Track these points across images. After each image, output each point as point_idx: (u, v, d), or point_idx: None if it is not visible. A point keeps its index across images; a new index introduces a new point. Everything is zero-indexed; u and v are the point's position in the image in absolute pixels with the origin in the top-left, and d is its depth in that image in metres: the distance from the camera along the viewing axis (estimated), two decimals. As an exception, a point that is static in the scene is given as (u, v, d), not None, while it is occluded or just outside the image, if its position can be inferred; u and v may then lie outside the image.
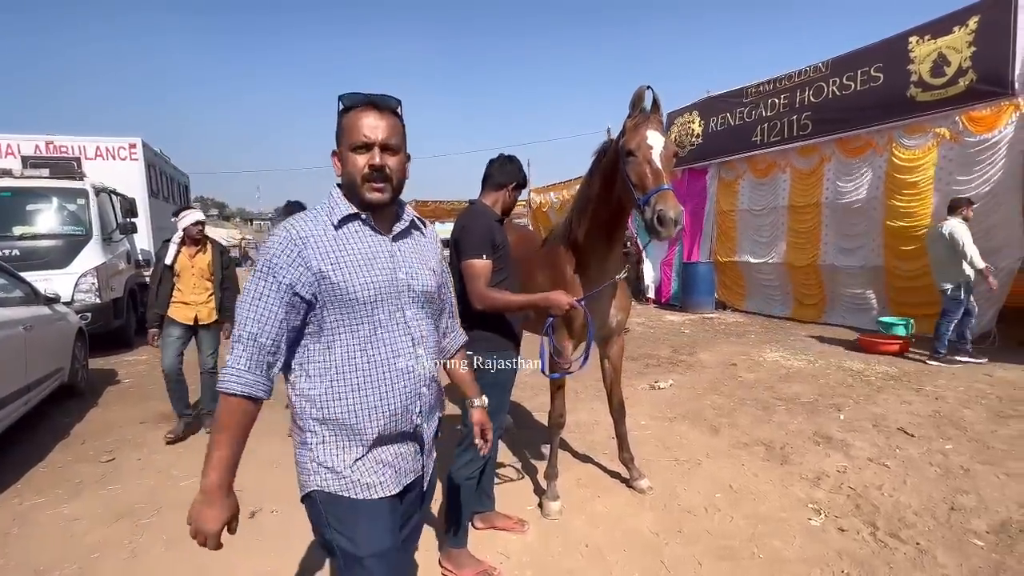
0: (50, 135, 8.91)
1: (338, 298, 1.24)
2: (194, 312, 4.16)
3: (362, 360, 1.27)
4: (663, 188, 2.25)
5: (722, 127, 9.85)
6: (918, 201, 6.83)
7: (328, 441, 1.28)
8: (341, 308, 1.25)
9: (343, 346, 1.26)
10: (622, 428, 3.16)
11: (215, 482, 1.20)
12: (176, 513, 3.02)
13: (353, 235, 1.30)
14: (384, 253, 1.32)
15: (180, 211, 4.24)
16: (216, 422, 1.21)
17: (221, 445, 1.20)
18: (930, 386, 4.99)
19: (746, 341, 7.38)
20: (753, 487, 3.15)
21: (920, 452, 3.53)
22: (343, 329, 1.26)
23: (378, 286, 1.27)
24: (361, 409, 1.27)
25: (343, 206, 1.30)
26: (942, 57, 6.51)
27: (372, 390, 1.28)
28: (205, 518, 1.22)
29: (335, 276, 1.23)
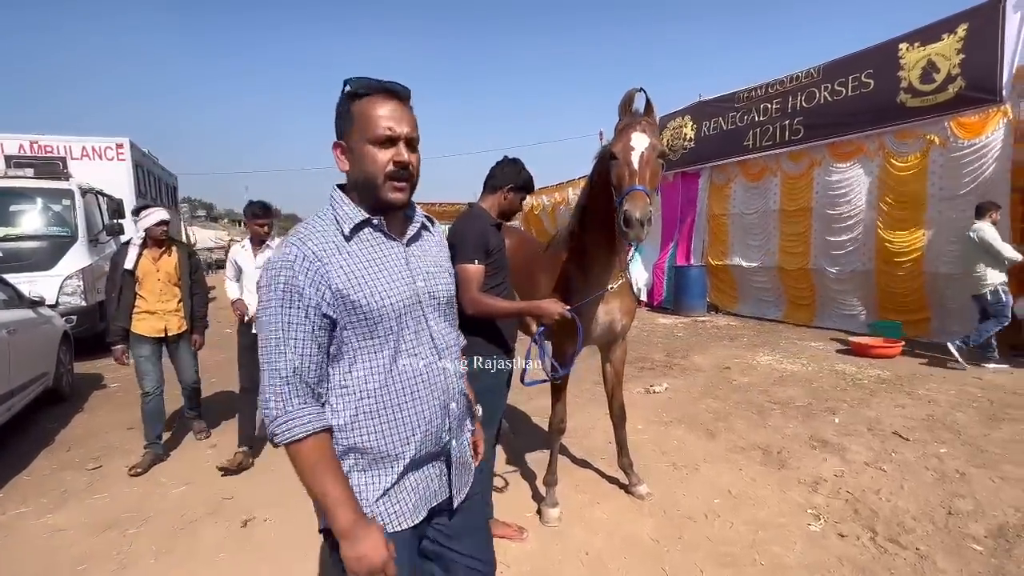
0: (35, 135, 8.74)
1: (360, 318, 1.13)
2: (163, 323, 3.76)
3: (389, 380, 1.16)
4: (634, 189, 2.23)
5: (714, 131, 9.90)
6: (909, 206, 6.89)
7: (354, 473, 1.16)
8: (363, 328, 1.14)
9: (367, 368, 1.15)
10: (622, 433, 3.13)
11: (350, 519, 1.07)
12: (166, 522, 2.95)
13: (367, 245, 1.17)
14: (400, 261, 1.20)
15: (140, 209, 3.80)
16: (304, 466, 1.07)
17: (329, 484, 1.07)
18: (922, 389, 5.02)
19: (739, 344, 7.40)
20: (752, 492, 3.13)
21: (915, 456, 3.54)
22: (366, 349, 1.15)
23: (400, 299, 1.16)
24: (392, 433, 1.16)
25: (351, 211, 1.17)
26: (931, 64, 6.58)
27: (402, 411, 1.17)
28: (365, 555, 1.06)
29: (355, 295, 1.11)
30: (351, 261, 1.14)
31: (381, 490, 1.17)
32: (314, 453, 1.07)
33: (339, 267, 1.12)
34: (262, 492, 3.26)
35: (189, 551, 2.68)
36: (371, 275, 1.14)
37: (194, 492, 3.31)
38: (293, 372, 1.08)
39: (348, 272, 1.12)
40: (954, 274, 6.54)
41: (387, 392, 1.16)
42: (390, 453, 1.17)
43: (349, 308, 1.12)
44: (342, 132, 1.17)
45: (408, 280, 1.19)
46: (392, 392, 1.16)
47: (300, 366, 1.08)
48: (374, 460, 1.16)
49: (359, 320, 1.13)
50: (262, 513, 3.01)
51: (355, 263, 1.14)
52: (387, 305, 1.14)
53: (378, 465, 1.17)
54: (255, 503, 3.13)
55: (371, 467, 1.17)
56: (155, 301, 3.74)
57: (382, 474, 1.17)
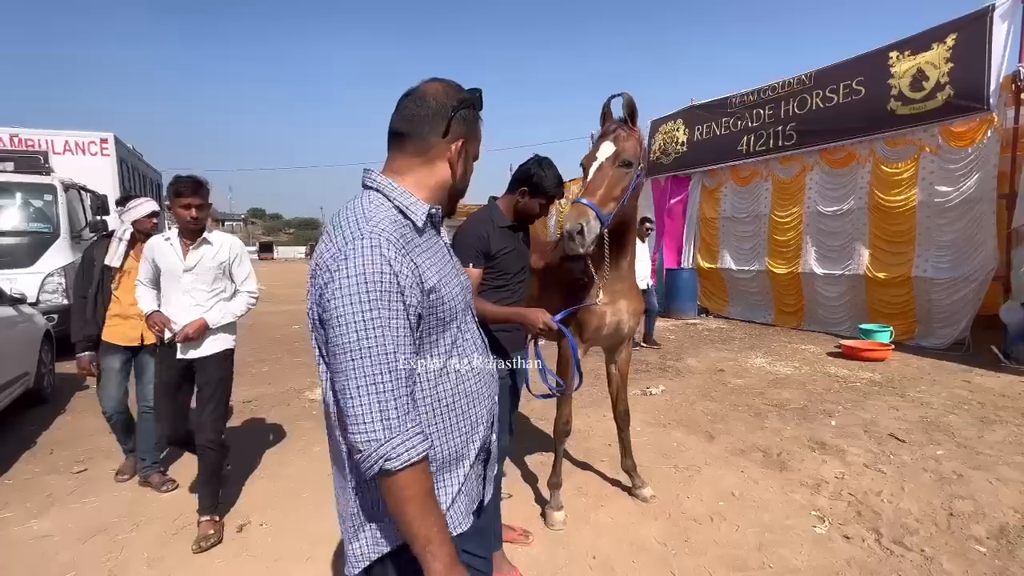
0: (16, 128, 8.49)
1: (438, 315, 1.04)
2: (138, 331, 3.21)
3: (458, 383, 1.09)
4: (576, 201, 2.26)
5: (707, 136, 9.98)
6: (899, 212, 7.00)
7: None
8: (438, 327, 1.05)
9: (439, 370, 1.07)
10: (626, 435, 3.11)
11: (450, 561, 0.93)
12: (157, 527, 2.85)
13: (430, 237, 1.10)
14: (447, 255, 1.14)
15: (127, 199, 3.37)
16: (412, 501, 0.92)
17: (434, 521, 0.94)
18: (913, 392, 5.08)
19: (731, 347, 7.45)
20: (755, 494, 3.13)
21: (913, 458, 3.57)
22: (440, 351, 1.07)
23: (461, 296, 1.11)
24: (461, 435, 1.09)
25: (415, 201, 1.07)
26: (921, 72, 6.70)
27: (468, 411, 1.10)
28: None
29: (439, 290, 1.03)
30: (430, 255, 1.05)
31: (449, 501, 1.07)
32: (426, 481, 0.95)
33: (425, 262, 1.02)
34: (258, 496, 3.17)
35: (182, 558, 2.58)
36: (444, 271, 1.07)
37: (186, 496, 3.21)
38: (402, 385, 0.94)
39: (432, 267, 1.04)
40: (941, 279, 6.66)
41: (457, 394, 1.09)
42: (459, 457, 1.09)
43: (434, 307, 1.03)
44: (467, 135, 1.12)
45: (456, 273, 1.14)
46: (461, 393, 1.10)
47: (406, 376, 0.95)
48: (442, 468, 1.07)
49: (437, 320, 1.04)
50: (258, 518, 2.93)
51: (432, 257, 1.06)
52: (458, 302, 1.08)
53: (446, 473, 1.08)
54: (251, 508, 3.04)
55: (439, 477, 1.07)
56: (131, 304, 3.12)
57: (450, 483, 1.08)
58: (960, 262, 6.50)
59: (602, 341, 2.90)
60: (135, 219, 3.25)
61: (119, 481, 3.37)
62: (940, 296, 6.74)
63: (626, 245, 2.68)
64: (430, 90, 1.09)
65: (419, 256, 1.01)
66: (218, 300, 2.85)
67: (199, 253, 2.80)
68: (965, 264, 6.45)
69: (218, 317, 2.82)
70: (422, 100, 1.08)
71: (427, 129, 1.07)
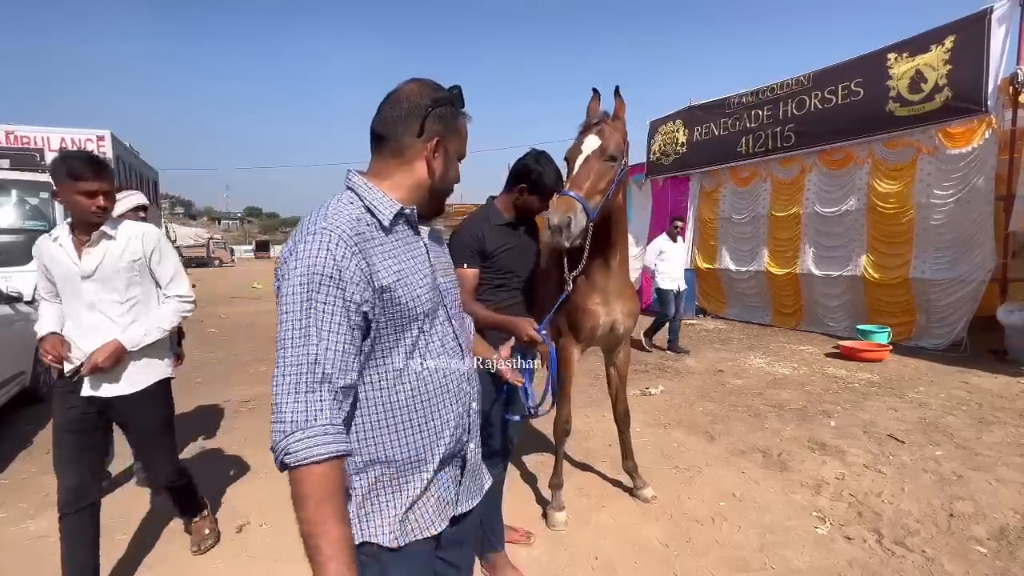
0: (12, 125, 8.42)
1: (396, 315, 1.04)
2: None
3: (420, 385, 1.08)
4: (563, 193, 2.25)
5: (707, 137, 9.98)
6: (897, 213, 7.02)
7: (380, 486, 1.06)
8: (398, 327, 1.05)
9: (398, 371, 1.06)
10: (627, 436, 3.10)
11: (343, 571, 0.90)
12: (156, 528, 2.82)
13: (400, 237, 1.09)
14: (424, 257, 1.13)
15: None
16: (311, 496, 0.89)
17: (331, 525, 0.90)
18: (911, 393, 5.10)
19: (730, 348, 7.45)
20: (756, 495, 3.12)
21: (913, 459, 3.58)
22: (399, 351, 1.06)
23: (430, 296, 1.09)
24: (422, 439, 1.08)
25: (386, 199, 1.07)
26: (919, 74, 6.72)
27: (432, 415, 1.09)
28: None
29: (398, 291, 1.03)
30: (392, 254, 1.05)
31: (409, 503, 1.07)
32: (329, 482, 0.91)
33: (383, 260, 1.03)
34: (258, 496, 3.15)
35: (181, 559, 2.56)
36: (409, 270, 1.06)
37: (184, 496, 3.19)
38: (322, 379, 0.93)
39: (391, 266, 1.03)
40: (939, 280, 6.68)
41: (417, 396, 1.08)
42: (420, 460, 1.08)
43: (389, 306, 1.03)
44: (443, 133, 1.11)
45: (432, 276, 1.12)
46: (422, 395, 1.08)
47: (331, 373, 0.93)
48: (401, 470, 1.07)
49: (394, 320, 1.04)
50: (257, 518, 2.91)
51: (396, 256, 1.06)
52: (423, 303, 1.07)
53: (405, 475, 1.08)
54: (250, 508, 3.02)
55: (398, 478, 1.07)
56: None
57: (411, 485, 1.08)
58: (958, 263, 6.52)
59: (598, 342, 2.89)
60: (120, 213, 2.97)
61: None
62: (938, 297, 6.76)
63: (613, 243, 2.64)
64: (404, 91, 1.10)
65: (377, 254, 1.02)
66: (138, 313, 2.21)
67: (99, 252, 2.12)
68: (963, 265, 6.48)
69: (139, 336, 2.16)
70: (396, 102, 1.10)
71: (401, 130, 1.09)
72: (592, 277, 2.64)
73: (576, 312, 2.68)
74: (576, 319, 2.71)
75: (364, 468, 1.06)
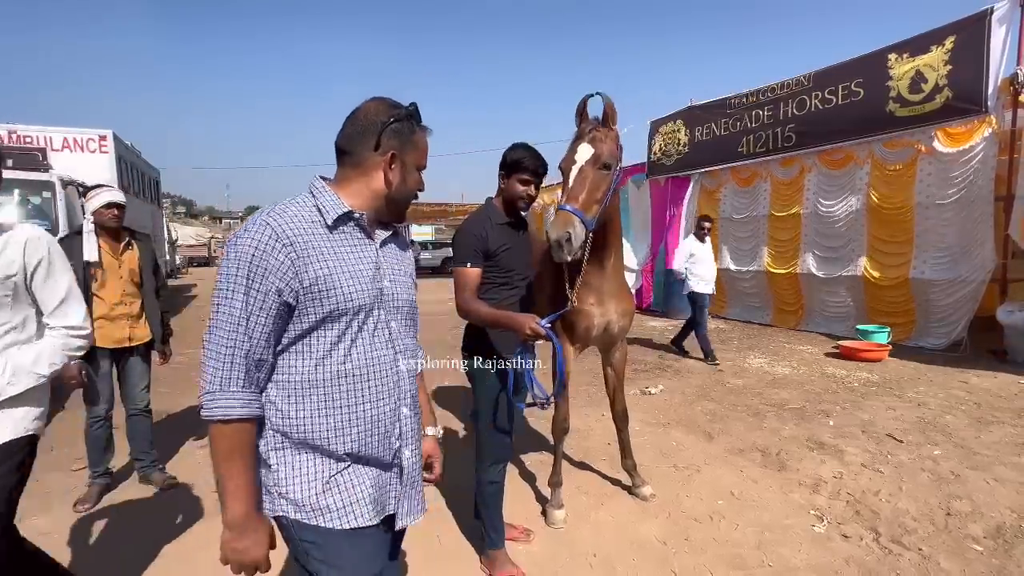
0: (14, 124, 8.45)
1: (324, 306, 1.12)
2: (125, 331, 3.09)
3: (340, 373, 1.16)
4: (560, 208, 2.26)
5: (708, 137, 9.99)
6: (897, 213, 7.03)
7: (296, 463, 1.15)
8: (324, 317, 1.13)
9: (320, 357, 1.15)
10: (625, 435, 3.12)
11: (242, 512, 1.09)
12: (157, 524, 2.85)
13: (344, 237, 1.18)
14: (371, 260, 1.21)
15: (89, 190, 3.13)
16: (220, 448, 1.08)
17: (236, 473, 1.08)
18: (911, 392, 5.11)
19: (729, 347, 7.47)
20: (754, 494, 3.14)
21: (911, 458, 3.59)
22: (323, 340, 1.15)
23: (365, 296, 1.17)
24: (340, 426, 1.15)
25: (335, 202, 1.17)
26: (919, 74, 6.73)
27: (350, 405, 1.16)
28: (246, 548, 1.11)
29: (328, 286, 1.12)
30: (329, 251, 1.14)
31: (321, 485, 1.15)
32: (235, 438, 1.08)
33: (318, 256, 1.12)
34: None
35: (181, 555, 2.59)
36: (345, 268, 1.15)
37: (187, 492, 3.22)
38: (240, 351, 1.07)
39: (325, 262, 1.13)
40: (939, 280, 6.69)
41: (335, 385, 1.15)
42: (328, 447, 1.16)
43: (317, 298, 1.12)
44: (398, 147, 1.21)
45: (376, 279, 1.21)
46: (343, 385, 1.16)
47: (249, 347, 1.08)
48: (315, 452, 1.16)
49: (323, 311, 1.13)
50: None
51: (333, 254, 1.15)
52: (355, 300, 1.16)
53: (320, 458, 1.16)
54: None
55: (313, 460, 1.16)
56: (116, 304, 3.05)
57: (323, 468, 1.16)
58: (958, 263, 6.53)
59: (594, 342, 2.91)
60: (93, 210, 2.98)
61: (78, 512, 2.97)
62: (938, 297, 6.77)
63: (608, 245, 2.67)
64: (363, 109, 1.22)
65: (312, 250, 1.11)
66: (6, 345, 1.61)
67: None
68: (962, 265, 6.49)
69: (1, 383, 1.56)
70: (355, 119, 1.21)
71: (359, 145, 1.20)
72: (587, 278, 2.65)
73: (572, 313, 2.70)
74: (572, 320, 2.73)
75: (279, 444, 1.15)
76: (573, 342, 2.82)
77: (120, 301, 3.08)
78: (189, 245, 32.99)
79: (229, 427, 1.07)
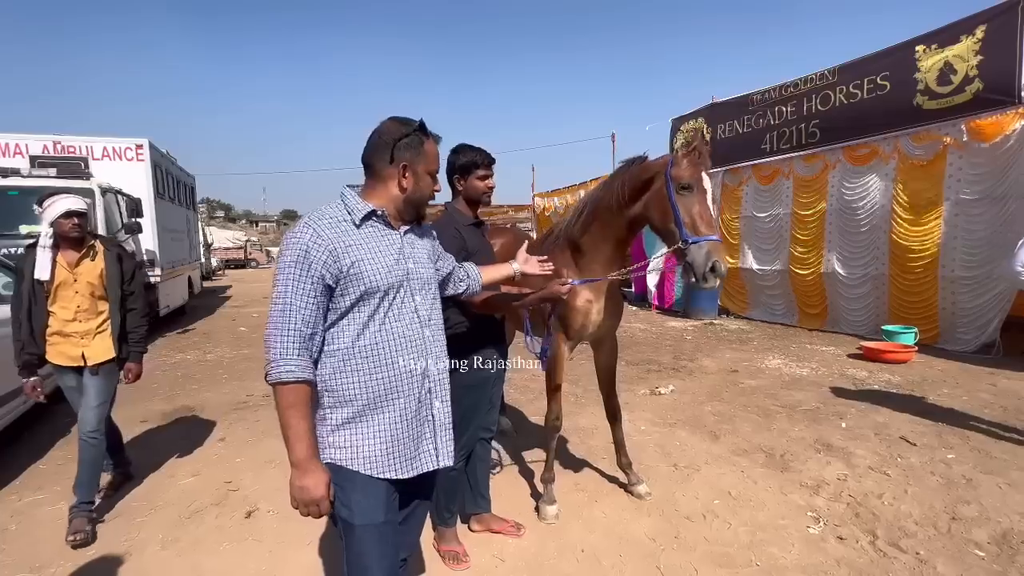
0: (58, 135, 8.98)
1: (358, 286, 1.38)
2: (79, 349, 2.87)
3: (378, 338, 1.41)
4: (716, 239, 2.34)
5: (730, 134, 9.84)
6: (925, 209, 6.79)
7: (337, 415, 1.40)
8: (359, 297, 1.39)
9: (359, 327, 1.40)
10: (619, 432, 3.14)
11: (306, 453, 1.32)
12: (173, 512, 3.03)
13: (372, 231, 1.45)
14: (396, 246, 1.48)
15: (44, 198, 2.85)
16: (282, 404, 1.32)
17: (297, 420, 1.32)
18: (933, 395, 4.94)
19: (748, 348, 7.34)
20: (752, 494, 3.12)
21: (922, 461, 3.50)
22: (360, 315, 1.40)
23: (392, 276, 1.43)
24: (379, 384, 1.40)
25: (360, 204, 1.45)
26: (949, 66, 6.49)
27: (385, 365, 1.41)
28: (310, 487, 1.32)
29: (360, 270, 1.38)
30: (360, 243, 1.41)
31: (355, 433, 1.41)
32: (294, 396, 1.32)
33: (349, 248, 1.38)
34: (267, 483, 3.33)
35: (194, 540, 2.75)
36: (373, 255, 1.42)
37: (201, 483, 3.39)
38: (295, 327, 1.32)
39: (357, 252, 1.39)
40: (968, 278, 6.43)
41: (376, 348, 1.41)
42: (363, 400, 1.40)
43: (353, 280, 1.37)
44: (410, 159, 1.47)
45: (400, 261, 1.48)
46: (380, 348, 1.42)
47: (302, 324, 1.33)
48: (351, 405, 1.40)
49: (358, 292, 1.38)
50: (265, 505, 3.08)
51: (363, 245, 1.41)
52: (383, 279, 1.41)
53: (355, 410, 1.40)
54: (260, 495, 3.19)
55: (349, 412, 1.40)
56: (68, 320, 2.85)
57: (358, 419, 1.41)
58: (988, 262, 6.26)
59: (587, 338, 2.95)
60: (51, 219, 2.79)
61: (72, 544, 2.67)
62: (967, 297, 6.50)
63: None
64: (381, 129, 1.49)
65: (345, 241, 1.39)
66: None
67: None
68: (994, 264, 6.21)
69: None
70: (374, 137, 1.49)
71: (378, 160, 1.48)
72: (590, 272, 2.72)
73: (567, 309, 2.75)
74: (567, 316, 2.77)
75: (328, 401, 1.40)
76: (568, 338, 2.86)
77: (74, 318, 2.86)
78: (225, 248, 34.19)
79: (289, 387, 1.31)
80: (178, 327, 9.81)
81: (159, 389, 5.67)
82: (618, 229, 2.67)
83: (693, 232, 2.35)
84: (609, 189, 2.67)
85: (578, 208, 2.85)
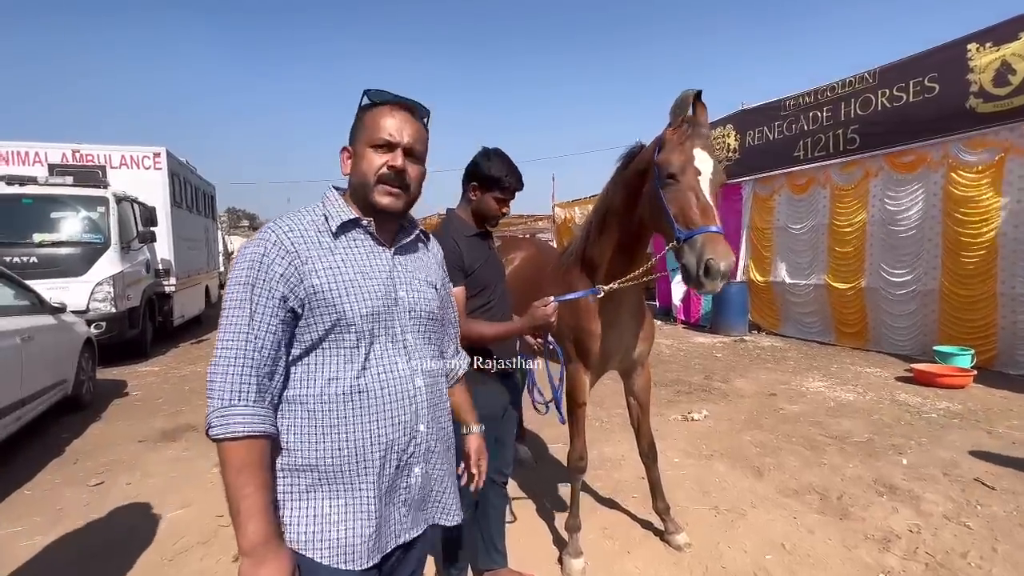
0: (77, 144, 8.97)
1: (329, 318, 1.06)
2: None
3: (351, 391, 1.07)
4: (710, 230, 1.80)
5: (760, 141, 9.39)
6: (981, 220, 6.26)
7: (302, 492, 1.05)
8: (331, 329, 1.07)
9: (329, 374, 1.07)
10: (655, 473, 2.75)
11: (261, 533, 0.97)
12: (155, 551, 2.73)
13: (352, 245, 1.14)
14: (384, 268, 1.16)
15: None
16: (231, 467, 0.97)
17: (251, 489, 0.97)
18: (1002, 427, 4.43)
19: (784, 368, 6.85)
20: (810, 547, 2.70)
21: (1006, 511, 3.03)
22: (331, 354, 1.08)
23: (376, 306, 1.10)
24: (346, 451, 1.06)
25: (341, 209, 1.14)
26: (1006, 65, 5.99)
27: (366, 426, 1.08)
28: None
29: (331, 294, 1.06)
30: (334, 260, 1.10)
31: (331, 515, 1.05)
32: (248, 455, 0.98)
33: (321, 263, 1.07)
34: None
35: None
36: (351, 276, 1.10)
37: (191, 516, 3.10)
38: (249, 362, 1.00)
39: (328, 270, 1.08)
40: (1033, 296, 5.88)
41: (344, 404, 1.07)
42: (338, 475, 1.06)
43: (322, 308, 1.06)
44: (352, 138, 1.18)
45: (389, 287, 1.15)
46: (356, 404, 1.07)
47: (257, 358, 1.01)
48: (323, 479, 1.06)
49: (327, 319, 1.06)
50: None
51: (338, 262, 1.10)
52: (359, 308, 1.08)
53: (327, 486, 1.06)
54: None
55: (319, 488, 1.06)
56: None
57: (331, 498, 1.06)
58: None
59: (612, 366, 2.58)
60: None
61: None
62: (1031, 315, 5.94)
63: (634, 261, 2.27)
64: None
65: (318, 257, 1.08)
66: None
67: None
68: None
69: None
70: None
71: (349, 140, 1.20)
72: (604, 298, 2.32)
73: (585, 336, 2.39)
74: (585, 343, 2.41)
75: (298, 472, 1.06)
76: (588, 368, 2.49)
77: None
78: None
79: (241, 444, 0.98)
80: (192, 337, 9.68)
81: (164, 404, 5.44)
82: (629, 236, 2.26)
83: (684, 226, 1.85)
84: (610, 192, 2.32)
85: (588, 218, 2.50)
